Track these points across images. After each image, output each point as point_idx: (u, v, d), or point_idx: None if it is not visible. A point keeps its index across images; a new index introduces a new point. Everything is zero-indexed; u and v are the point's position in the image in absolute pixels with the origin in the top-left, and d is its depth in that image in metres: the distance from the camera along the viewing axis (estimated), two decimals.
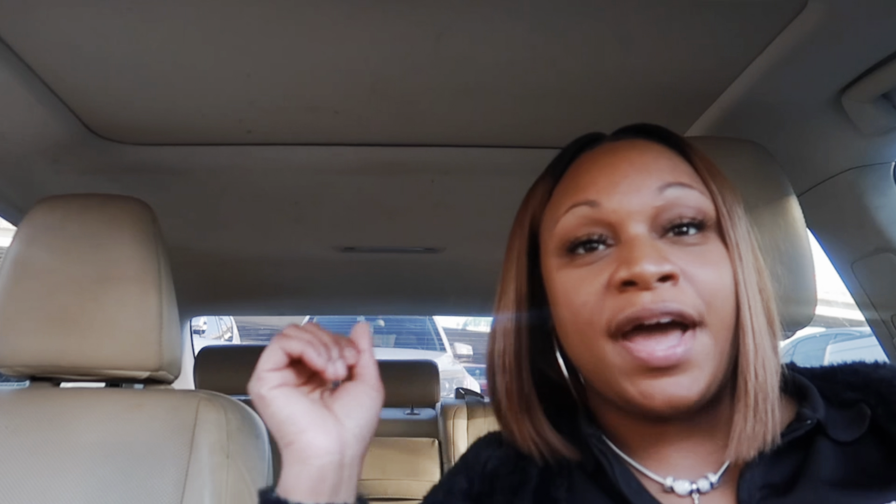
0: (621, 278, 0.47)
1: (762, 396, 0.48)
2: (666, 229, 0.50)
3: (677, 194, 0.50)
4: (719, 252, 0.50)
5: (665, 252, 0.48)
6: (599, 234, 0.51)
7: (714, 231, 0.51)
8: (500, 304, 0.59)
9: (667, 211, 0.50)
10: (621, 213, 0.50)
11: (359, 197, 1.26)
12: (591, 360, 0.51)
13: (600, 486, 0.54)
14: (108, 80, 0.84)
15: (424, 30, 0.72)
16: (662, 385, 0.47)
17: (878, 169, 0.93)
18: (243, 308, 2.85)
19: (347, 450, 0.49)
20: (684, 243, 0.50)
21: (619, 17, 0.70)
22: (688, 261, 0.49)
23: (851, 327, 5.99)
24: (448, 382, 5.18)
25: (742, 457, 0.48)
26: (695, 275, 0.48)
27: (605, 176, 0.52)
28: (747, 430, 0.48)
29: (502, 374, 0.57)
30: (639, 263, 0.47)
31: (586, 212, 0.51)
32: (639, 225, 0.50)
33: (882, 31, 0.69)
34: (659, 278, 0.47)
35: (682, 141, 0.56)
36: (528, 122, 0.96)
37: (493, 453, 0.60)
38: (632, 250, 0.48)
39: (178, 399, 0.88)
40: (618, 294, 0.48)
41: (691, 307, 0.47)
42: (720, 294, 0.49)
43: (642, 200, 0.50)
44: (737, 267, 0.50)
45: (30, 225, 0.88)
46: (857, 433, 0.51)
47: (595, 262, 0.51)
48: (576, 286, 0.51)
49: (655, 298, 0.47)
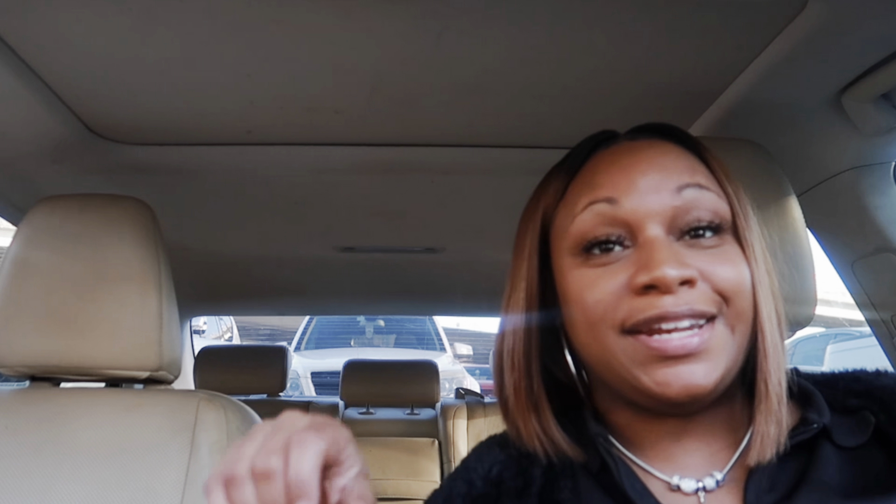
0: (642, 282, 0.47)
1: (778, 398, 0.49)
2: (683, 232, 0.50)
3: (695, 195, 0.50)
4: (736, 253, 0.50)
5: (683, 255, 0.48)
6: (617, 235, 0.51)
7: (730, 233, 0.51)
8: (509, 302, 0.58)
9: (684, 213, 0.50)
10: (640, 212, 0.50)
11: (359, 197, 1.26)
12: (601, 355, 0.51)
13: (604, 488, 0.54)
14: (108, 80, 0.84)
15: (424, 29, 0.72)
16: (678, 372, 0.47)
17: (878, 169, 0.93)
18: (243, 308, 2.85)
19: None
20: (701, 246, 0.50)
21: (618, 17, 0.70)
22: (705, 261, 0.49)
23: (851, 327, 5.99)
24: (448, 382, 5.17)
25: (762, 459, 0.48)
26: (713, 273, 0.48)
27: (625, 174, 0.52)
28: (770, 432, 0.48)
29: (511, 372, 0.57)
30: (660, 267, 0.47)
31: (605, 209, 0.51)
32: (657, 227, 0.49)
33: (882, 31, 0.69)
34: (680, 283, 0.47)
35: (699, 142, 0.56)
36: (529, 122, 0.96)
37: (496, 458, 0.59)
38: (652, 253, 0.48)
39: (178, 399, 0.88)
40: (636, 297, 0.48)
41: (709, 303, 0.48)
42: (739, 291, 0.49)
43: (661, 200, 0.50)
44: (753, 267, 0.50)
45: (30, 225, 0.88)
46: (861, 439, 0.51)
47: (611, 263, 0.51)
48: (590, 285, 0.51)
49: (678, 301, 0.47)
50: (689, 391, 0.47)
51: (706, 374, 0.47)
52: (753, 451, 0.48)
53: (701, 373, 0.47)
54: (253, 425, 0.89)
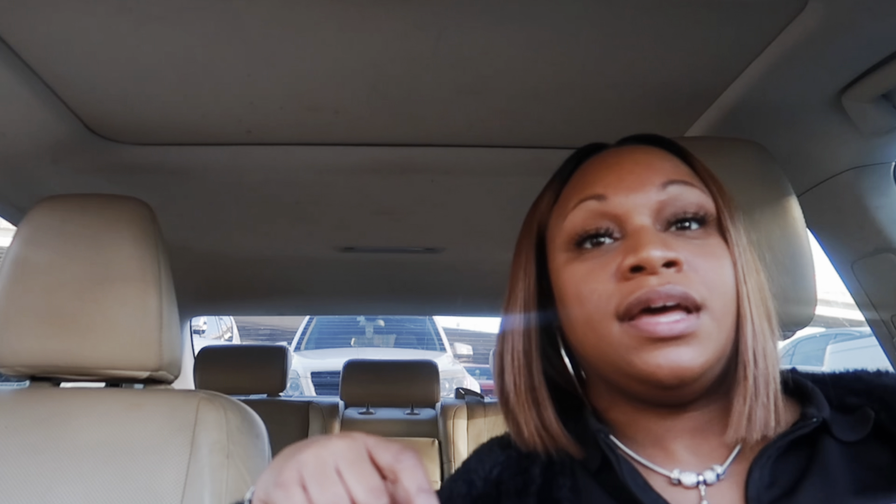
0: (629, 264, 0.50)
1: (763, 381, 0.50)
2: (669, 223, 0.53)
3: (679, 190, 0.53)
4: (720, 246, 0.52)
5: (669, 242, 0.50)
6: (606, 228, 0.53)
7: (714, 227, 0.53)
8: (508, 305, 0.60)
9: (670, 205, 0.53)
10: (627, 205, 0.53)
11: (359, 197, 1.26)
12: (597, 345, 0.53)
13: (604, 485, 0.54)
14: (108, 80, 0.84)
15: (424, 30, 0.72)
16: (667, 354, 0.48)
17: (878, 169, 0.93)
18: (243, 308, 2.85)
19: None
20: (687, 236, 0.52)
21: (619, 17, 0.70)
22: (691, 251, 0.51)
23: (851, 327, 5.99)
24: (448, 382, 5.17)
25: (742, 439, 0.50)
26: (698, 265, 0.50)
27: (613, 173, 0.55)
28: (746, 412, 0.49)
29: (511, 371, 0.58)
30: (645, 249, 0.49)
31: (594, 205, 0.54)
32: (644, 217, 0.52)
33: (882, 31, 0.69)
34: (664, 263, 0.49)
35: (683, 148, 0.59)
36: (529, 122, 0.96)
37: (497, 459, 0.60)
38: (638, 238, 0.51)
39: (178, 399, 0.88)
40: (625, 281, 0.50)
41: (695, 291, 0.49)
42: (722, 284, 0.51)
43: (647, 195, 0.53)
44: (737, 261, 0.52)
45: (30, 225, 0.88)
46: (861, 434, 0.52)
47: (602, 255, 0.53)
48: (584, 277, 0.53)
49: (662, 281, 0.49)
50: (678, 373, 0.48)
51: (693, 357, 0.48)
52: (730, 431, 0.50)
53: (688, 356, 0.48)
54: (253, 425, 0.89)
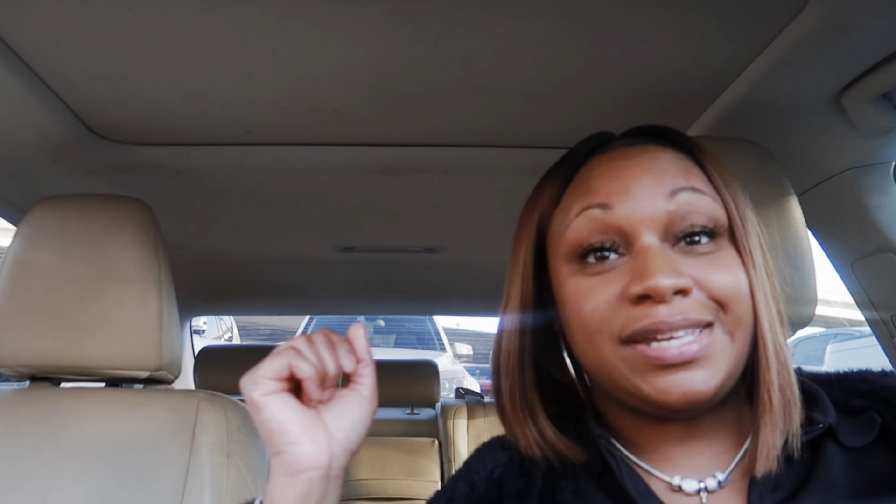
0: (636, 292, 0.47)
1: (784, 404, 0.48)
2: (678, 238, 0.50)
3: (689, 199, 0.50)
4: (733, 258, 0.50)
5: (678, 263, 0.48)
6: (612, 242, 0.51)
7: (726, 238, 0.51)
8: (505, 306, 0.59)
9: (679, 218, 0.49)
10: (634, 219, 0.49)
11: (359, 197, 1.26)
12: (599, 364, 0.51)
13: (606, 489, 0.54)
14: (108, 80, 0.84)
15: (425, 30, 0.72)
16: (678, 380, 0.47)
17: (878, 169, 0.93)
18: (243, 308, 2.85)
19: (335, 462, 0.50)
20: (696, 252, 0.49)
21: (619, 17, 0.70)
22: (700, 268, 0.48)
23: (851, 327, 5.99)
24: (448, 382, 5.18)
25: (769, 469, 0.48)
26: (708, 280, 0.48)
27: (619, 180, 0.52)
28: (776, 443, 0.48)
29: (506, 377, 0.57)
30: (653, 277, 0.46)
31: (598, 215, 0.51)
32: (651, 234, 0.49)
33: (882, 31, 0.69)
34: (674, 292, 0.47)
35: (695, 145, 0.56)
36: (529, 121, 0.96)
37: (498, 459, 0.59)
38: (646, 263, 0.48)
39: (177, 399, 0.88)
40: (631, 306, 0.48)
41: (704, 312, 0.47)
42: (736, 297, 0.48)
43: (655, 205, 0.50)
44: (751, 274, 0.50)
45: (30, 225, 0.88)
46: (866, 439, 0.51)
47: (606, 271, 0.50)
48: (586, 294, 0.51)
49: (672, 311, 0.46)
50: (689, 398, 0.47)
51: (705, 380, 0.47)
52: (760, 463, 0.48)
53: (700, 379, 0.47)
54: (253, 425, 0.89)
